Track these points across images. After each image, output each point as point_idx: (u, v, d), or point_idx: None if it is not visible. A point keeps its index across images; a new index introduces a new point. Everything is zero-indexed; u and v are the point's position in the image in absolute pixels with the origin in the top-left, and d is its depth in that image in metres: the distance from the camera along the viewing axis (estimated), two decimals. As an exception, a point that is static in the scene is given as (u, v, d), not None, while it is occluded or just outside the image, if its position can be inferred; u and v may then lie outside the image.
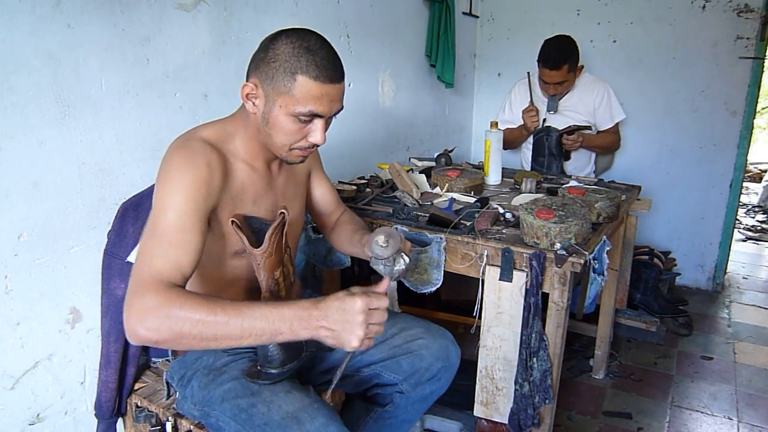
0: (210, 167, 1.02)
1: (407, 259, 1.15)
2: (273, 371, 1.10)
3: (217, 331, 0.88)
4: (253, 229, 1.12)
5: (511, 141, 2.62)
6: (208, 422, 1.14)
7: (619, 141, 2.61)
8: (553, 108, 2.47)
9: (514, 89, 2.68)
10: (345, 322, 0.92)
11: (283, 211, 1.13)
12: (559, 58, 2.33)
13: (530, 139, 2.53)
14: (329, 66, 1.04)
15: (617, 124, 2.55)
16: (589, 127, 2.46)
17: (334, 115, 1.11)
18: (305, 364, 1.32)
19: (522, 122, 2.56)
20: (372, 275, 1.11)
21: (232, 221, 1.07)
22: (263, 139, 1.10)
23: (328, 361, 1.32)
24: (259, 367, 1.12)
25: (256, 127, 1.10)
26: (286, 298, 1.18)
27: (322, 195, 1.44)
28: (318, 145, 1.11)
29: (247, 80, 1.08)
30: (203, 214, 1.00)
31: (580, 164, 2.62)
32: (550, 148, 2.38)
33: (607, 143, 2.57)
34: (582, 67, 2.48)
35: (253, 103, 1.07)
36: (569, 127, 2.41)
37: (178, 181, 0.98)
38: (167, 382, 1.30)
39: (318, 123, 1.07)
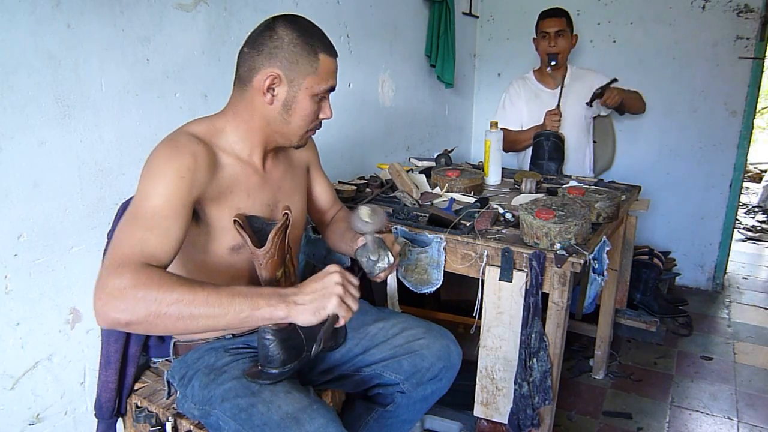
0: (195, 157, 1.02)
1: (391, 259, 1.15)
2: (274, 371, 1.10)
3: (195, 309, 0.87)
4: (255, 228, 1.12)
5: (516, 142, 2.61)
6: (208, 422, 1.14)
7: (643, 100, 2.64)
8: (554, 59, 2.48)
9: (511, 86, 2.69)
10: (323, 289, 0.97)
11: (287, 211, 1.13)
12: (558, 10, 2.50)
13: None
14: (328, 41, 1.15)
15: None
16: (615, 79, 2.47)
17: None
18: (305, 364, 1.32)
19: (528, 125, 2.59)
20: (354, 267, 1.13)
21: (235, 221, 1.07)
22: (276, 129, 1.13)
23: (328, 361, 1.32)
24: (260, 367, 1.12)
25: (265, 120, 1.12)
26: None
27: (320, 192, 1.45)
28: (325, 120, 1.19)
29: (253, 75, 1.09)
30: (187, 202, 1.00)
31: (578, 165, 2.62)
32: (550, 152, 2.38)
33: (638, 99, 2.60)
34: (577, 36, 2.56)
35: (272, 95, 1.09)
36: (599, 89, 2.43)
37: (162, 170, 0.99)
38: (168, 382, 1.30)
39: (327, 100, 1.16)
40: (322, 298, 0.96)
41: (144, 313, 0.85)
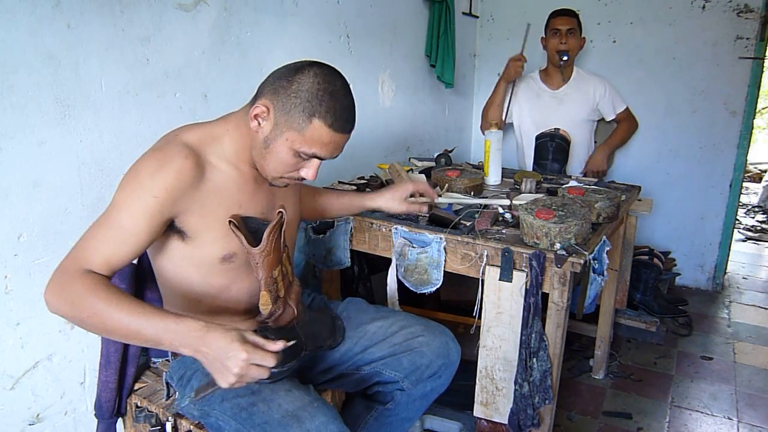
0: (178, 174, 1.01)
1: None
2: (273, 369, 1.10)
3: (110, 327, 0.94)
4: (251, 229, 1.12)
5: (490, 105, 2.62)
6: (207, 422, 1.14)
7: (635, 120, 2.72)
8: (564, 55, 2.50)
9: (516, 83, 2.68)
10: (222, 366, 0.91)
11: (281, 210, 1.13)
12: (569, 10, 2.54)
13: (532, 143, 2.53)
14: (346, 116, 1.05)
15: (627, 109, 2.63)
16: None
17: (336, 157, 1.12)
18: (305, 363, 1.32)
19: (521, 125, 2.60)
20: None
21: (230, 221, 1.07)
22: (255, 157, 1.10)
23: (327, 360, 1.32)
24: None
25: (250, 142, 1.09)
26: (285, 297, 1.18)
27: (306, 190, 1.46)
28: (304, 180, 1.12)
29: (257, 99, 1.07)
30: (155, 221, 1.01)
31: (578, 165, 2.62)
32: (554, 153, 2.38)
33: (625, 131, 2.67)
34: (585, 39, 2.60)
35: (259, 124, 1.06)
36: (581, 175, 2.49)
37: (139, 186, 1.00)
38: (167, 383, 1.30)
39: (315, 162, 1.09)
40: (217, 371, 0.94)
41: (70, 315, 0.96)
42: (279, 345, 0.95)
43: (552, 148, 2.37)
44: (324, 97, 1.02)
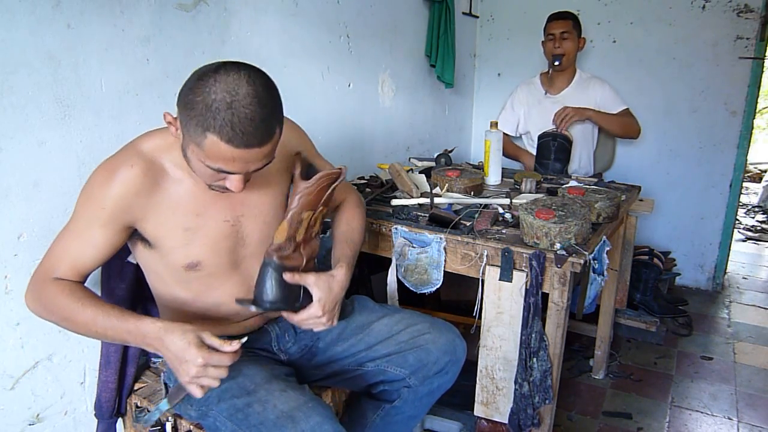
0: (126, 184, 1.02)
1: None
2: (262, 305, 1.11)
3: (81, 330, 1.03)
4: (309, 173, 1.14)
5: (511, 155, 2.68)
6: (206, 422, 1.14)
7: (638, 124, 2.58)
8: (558, 59, 2.50)
9: (517, 90, 2.71)
10: (180, 366, 0.97)
11: (341, 167, 1.15)
12: (565, 12, 2.53)
13: (534, 142, 2.54)
14: (248, 129, 0.91)
15: (627, 110, 2.56)
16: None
17: (261, 168, 1.01)
18: (301, 360, 1.32)
19: (524, 131, 2.63)
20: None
21: (298, 152, 1.16)
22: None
23: (329, 355, 1.32)
24: (253, 297, 1.13)
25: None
26: (300, 243, 1.15)
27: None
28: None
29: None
30: (109, 229, 1.05)
31: (579, 165, 2.62)
32: (556, 153, 2.38)
33: (621, 123, 2.54)
34: (584, 39, 2.57)
35: (176, 131, 1.00)
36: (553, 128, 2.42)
37: (90, 195, 1.04)
38: (165, 383, 1.30)
39: (234, 178, 0.99)
40: (176, 371, 0.99)
41: (49, 319, 1.06)
42: (235, 346, 0.98)
43: (554, 147, 2.37)
44: (219, 109, 0.90)
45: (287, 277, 1.11)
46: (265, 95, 0.94)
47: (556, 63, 2.49)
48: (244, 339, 1.01)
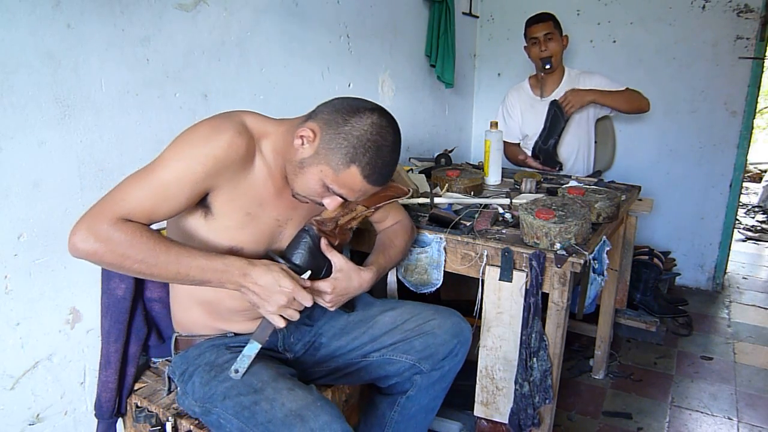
0: (229, 147, 1.03)
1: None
2: (291, 263, 1.13)
3: (156, 272, 1.00)
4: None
5: (512, 160, 2.66)
6: (209, 419, 1.13)
7: (645, 97, 2.48)
8: (547, 62, 2.47)
9: (507, 97, 2.68)
10: (269, 297, 1.04)
11: (409, 189, 1.23)
12: (543, 14, 2.48)
13: (531, 146, 2.55)
14: (385, 172, 1.08)
15: (627, 88, 2.47)
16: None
17: None
18: (305, 357, 1.32)
19: (528, 135, 2.61)
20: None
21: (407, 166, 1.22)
22: (288, 170, 1.11)
23: (327, 349, 1.32)
24: (282, 253, 1.15)
25: (289, 155, 1.10)
26: (340, 227, 1.21)
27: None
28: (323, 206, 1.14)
29: (311, 119, 1.08)
30: (196, 187, 1.03)
31: (579, 165, 2.62)
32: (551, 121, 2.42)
33: (626, 98, 2.44)
34: (567, 37, 2.52)
35: (302, 144, 1.06)
36: (556, 103, 2.41)
37: (190, 147, 1.03)
38: (168, 377, 1.30)
39: (338, 199, 1.10)
40: (263, 302, 1.05)
41: (108, 261, 0.97)
42: (308, 282, 1.10)
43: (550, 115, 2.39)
44: (370, 149, 1.03)
45: (323, 244, 1.17)
46: (399, 145, 1.11)
47: (547, 67, 2.47)
48: (308, 273, 1.11)
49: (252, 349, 1.11)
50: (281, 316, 1.06)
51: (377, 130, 1.04)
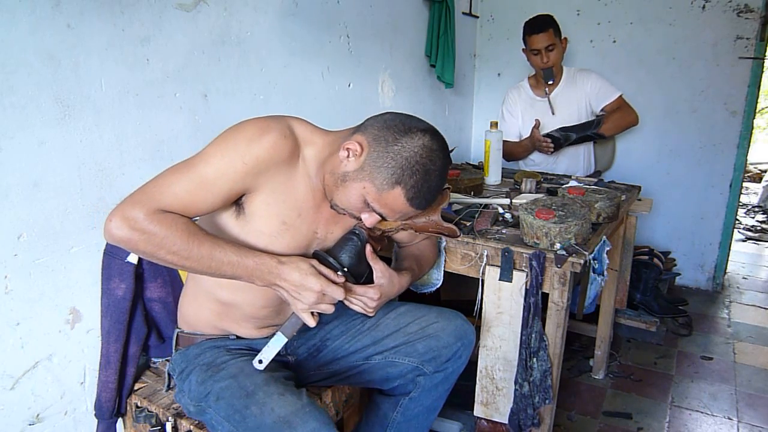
0: (273, 149, 1.02)
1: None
2: (339, 264, 1.12)
3: (188, 265, 1.00)
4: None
5: (513, 153, 2.64)
6: (204, 418, 1.15)
7: (634, 113, 2.50)
8: (550, 77, 2.47)
9: (507, 97, 2.68)
10: (299, 294, 1.05)
11: (457, 231, 1.26)
12: (543, 22, 2.44)
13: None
14: (429, 197, 1.06)
15: (620, 98, 2.48)
16: (589, 124, 2.45)
17: None
18: (306, 359, 1.32)
19: (525, 135, 2.60)
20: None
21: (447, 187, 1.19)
22: (328, 181, 1.09)
23: (330, 352, 1.32)
24: (331, 253, 1.14)
25: (331, 166, 1.08)
26: (383, 237, 1.23)
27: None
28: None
29: (359, 132, 1.06)
30: (236, 186, 1.03)
31: (578, 165, 2.62)
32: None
33: (614, 124, 2.46)
34: (566, 39, 2.51)
35: (348, 156, 1.04)
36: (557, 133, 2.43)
37: (234, 146, 1.01)
38: (168, 373, 1.30)
39: (376, 216, 1.08)
40: (294, 300, 1.06)
41: (142, 250, 0.98)
42: (341, 278, 1.09)
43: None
44: (418, 172, 1.01)
45: (368, 250, 1.17)
46: (447, 170, 1.08)
47: (550, 82, 2.49)
48: (345, 270, 1.11)
49: (278, 341, 1.11)
50: (313, 313, 1.07)
51: (427, 153, 1.02)
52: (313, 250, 1.16)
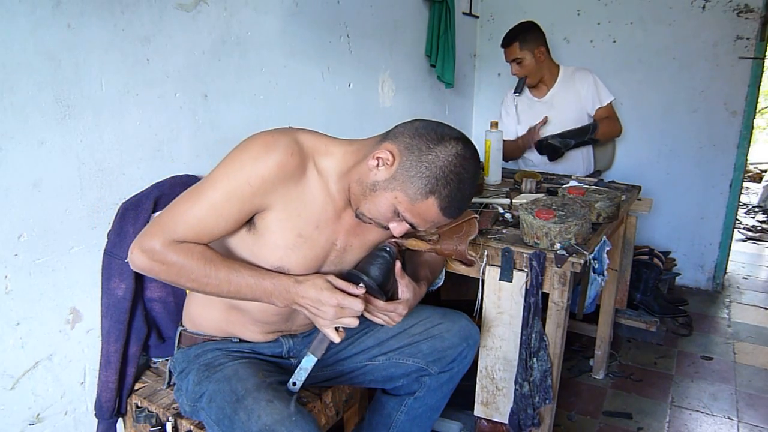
0: (278, 168, 1.01)
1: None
2: (370, 279, 1.12)
3: (209, 290, 1.04)
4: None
5: (511, 152, 2.64)
6: (198, 417, 1.16)
7: (619, 124, 2.53)
8: (518, 90, 2.52)
9: (506, 99, 2.70)
10: (318, 310, 1.05)
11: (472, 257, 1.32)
12: (509, 36, 2.47)
13: (532, 148, 2.54)
14: (461, 205, 1.04)
15: (610, 106, 2.48)
16: (585, 130, 2.45)
17: None
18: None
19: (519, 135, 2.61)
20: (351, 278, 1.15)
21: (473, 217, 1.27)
22: (355, 190, 1.07)
23: (333, 355, 1.32)
24: (363, 269, 1.14)
25: (358, 174, 1.06)
26: (402, 255, 1.25)
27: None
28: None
29: (388, 139, 1.05)
30: (245, 207, 1.03)
31: (578, 165, 2.62)
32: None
33: (604, 129, 2.46)
34: (543, 49, 2.46)
35: (377, 166, 1.02)
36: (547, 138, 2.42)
37: (241, 166, 1.01)
38: (169, 370, 1.31)
39: (406, 225, 1.07)
40: (314, 317, 1.08)
41: (164, 278, 1.03)
42: (361, 290, 1.08)
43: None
44: (452, 181, 0.99)
45: (398, 267, 1.18)
46: (478, 177, 1.07)
47: (516, 94, 2.54)
48: (366, 278, 1.11)
49: (309, 361, 1.11)
50: (338, 329, 1.07)
51: (461, 162, 1.00)
52: (346, 270, 1.16)
